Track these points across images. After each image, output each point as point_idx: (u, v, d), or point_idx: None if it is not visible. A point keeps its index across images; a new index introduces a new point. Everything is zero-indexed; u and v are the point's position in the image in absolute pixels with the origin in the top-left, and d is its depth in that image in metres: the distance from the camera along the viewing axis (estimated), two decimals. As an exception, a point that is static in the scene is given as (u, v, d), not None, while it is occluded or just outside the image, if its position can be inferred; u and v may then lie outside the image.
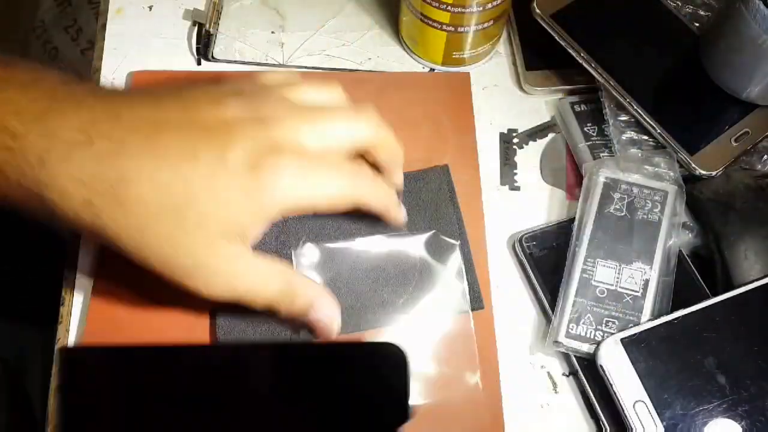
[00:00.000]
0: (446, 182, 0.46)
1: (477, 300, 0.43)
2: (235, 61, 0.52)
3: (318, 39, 0.53)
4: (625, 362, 0.40)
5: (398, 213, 0.42)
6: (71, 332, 0.42)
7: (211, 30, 0.52)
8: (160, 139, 0.34)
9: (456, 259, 0.44)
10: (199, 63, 0.52)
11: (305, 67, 0.52)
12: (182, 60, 0.52)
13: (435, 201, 0.46)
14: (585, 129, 0.49)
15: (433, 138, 0.49)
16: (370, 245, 0.44)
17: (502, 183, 0.49)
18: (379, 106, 0.49)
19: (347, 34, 0.54)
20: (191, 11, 0.53)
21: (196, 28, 0.53)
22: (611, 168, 0.46)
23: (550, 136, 0.51)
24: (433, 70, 0.53)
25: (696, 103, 0.48)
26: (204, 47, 0.52)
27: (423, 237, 0.44)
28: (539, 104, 0.52)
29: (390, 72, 0.52)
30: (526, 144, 0.50)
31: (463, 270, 0.44)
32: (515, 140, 0.50)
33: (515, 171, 0.49)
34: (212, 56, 0.52)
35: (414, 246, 0.44)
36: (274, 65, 0.52)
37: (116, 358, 0.35)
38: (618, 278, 0.43)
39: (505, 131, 0.51)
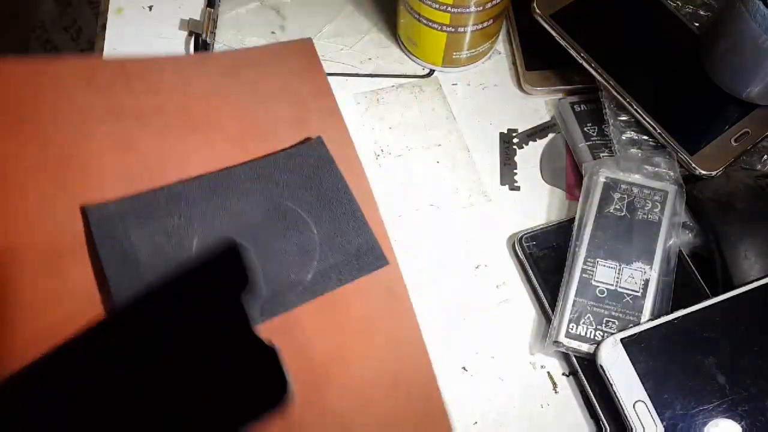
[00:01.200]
0: (324, 153, 0.46)
1: (380, 257, 0.43)
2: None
3: (317, 43, 0.53)
4: (625, 362, 0.40)
5: None
6: None
7: (207, 40, 0.52)
8: None
9: (350, 224, 0.44)
10: None
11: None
12: (182, 60, 0.52)
13: (318, 175, 0.45)
14: (585, 129, 0.49)
15: (295, 109, 0.48)
16: (267, 232, 0.43)
17: (502, 183, 0.49)
18: (235, 85, 0.48)
19: (346, 38, 0.54)
20: (187, 21, 0.53)
21: (192, 39, 0.52)
22: (611, 168, 0.46)
23: (550, 136, 0.51)
24: (433, 71, 0.53)
25: (696, 103, 0.48)
26: None
27: (315, 212, 0.44)
28: (539, 104, 0.52)
29: (235, 50, 0.52)
30: (526, 144, 0.50)
31: (361, 231, 0.43)
32: (515, 140, 0.50)
33: (515, 171, 0.49)
34: None
35: (309, 222, 0.44)
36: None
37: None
38: (618, 278, 0.43)
39: (505, 131, 0.51)
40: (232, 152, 0.46)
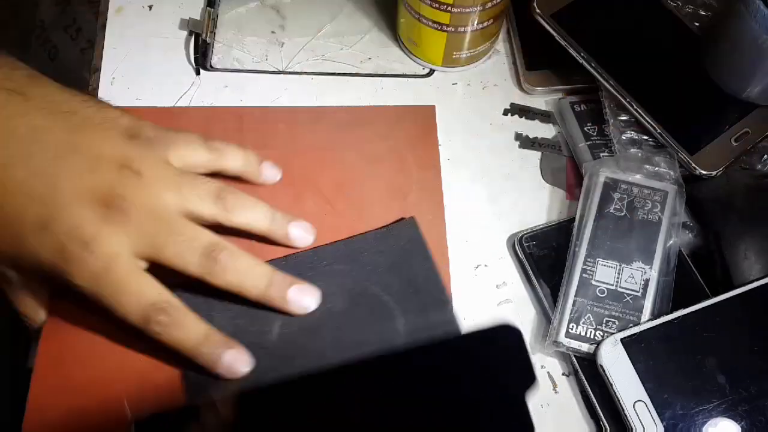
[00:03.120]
0: (416, 236, 0.43)
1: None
2: (234, 70, 0.52)
3: (317, 43, 0.53)
4: (625, 362, 0.40)
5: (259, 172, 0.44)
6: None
7: (207, 39, 0.52)
8: (44, 140, 0.36)
9: (438, 318, 0.41)
10: (197, 73, 0.51)
11: (304, 73, 0.52)
12: (182, 60, 0.52)
13: (408, 260, 0.42)
14: (585, 129, 0.49)
15: (396, 176, 0.47)
16: (350, 320, 0.41)
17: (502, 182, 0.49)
18: (342, 142, 0.48)
19: (346, 37, 0.54)
20: (187, 21, 0.53)
21: (192, 38, 0.52)
22: (611, 168, 0.46)
23: (551, 135, 0.51)
24: (433, 71, 0.53)
25: (696, 103, 0.48)
26: (202, 57, 0.52)
27: (402, 301, 0.41)
28: (539, 104, 0.52)
29: (353, 107, 0.50)
30: (528, 144, 0.50)
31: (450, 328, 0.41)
32: (516, 140, 0.50)
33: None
34: (210, 66, 0.52)
35: (396, 312, 0.41)
36: (272, 72, 0.52)
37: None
38: (618, 278, 0.43)
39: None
40: (321, 213, 0.45)
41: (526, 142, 0.50)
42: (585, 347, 0.41)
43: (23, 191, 0.35)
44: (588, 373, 0.41)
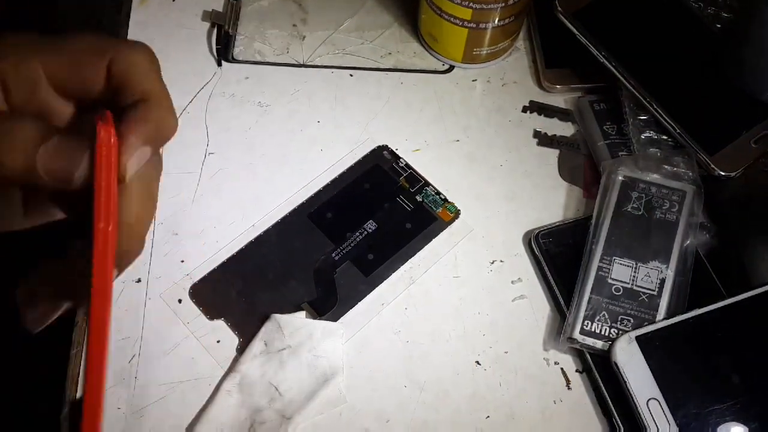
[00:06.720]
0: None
1: None
2: (255, 62, 0.52)
3: (338, 37, 0.54)
4: (639, 360, 0.40)
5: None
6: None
7: (230, 31, 0.52)
8: None
9: None
10: (219, 64, 0.52)
11: (324, 67, 0.52)
12: (204, 51, 0.52)
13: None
14: (604, 127, 0.49)
15: None
16: None
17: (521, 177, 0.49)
18: None
19: (367, 32, 0.54)
20: (210, 12, 0.54)
21: (215, 30, 0.53)
22: (630, 167, 0.46)
23: (569, 133, 0.51)
24: (453, 67, 0.53)
25: (716, 105, 0.48)
26: (224, 48, 0.52)
27: None
28: (558, 102, 0.52)
29: None
30: (546, 142, 0.50)
31: None
32: (535, 138, 0.50)
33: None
34: (232, 57, 0.52)
35: None
36: (293, 65, 0.52)
37: None
38: (634, 276, 0.43)
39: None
40: None
41: (544, 140, 0.50)
42: (599, 344, 0.41)
43: None
44: (602, 370, 0.41)
